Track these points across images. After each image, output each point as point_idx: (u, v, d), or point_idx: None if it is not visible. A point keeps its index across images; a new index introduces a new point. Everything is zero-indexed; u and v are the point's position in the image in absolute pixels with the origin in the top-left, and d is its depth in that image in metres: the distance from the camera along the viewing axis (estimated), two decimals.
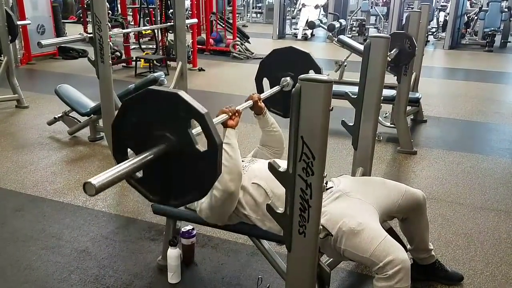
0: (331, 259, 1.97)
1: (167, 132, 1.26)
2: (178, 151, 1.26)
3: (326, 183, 1.85)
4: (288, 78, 2.33)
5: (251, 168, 1.93)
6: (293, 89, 1.30)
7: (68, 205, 2.89)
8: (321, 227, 1.56)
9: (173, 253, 2.10)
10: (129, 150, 1.34)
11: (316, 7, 11.27)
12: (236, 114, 1.81)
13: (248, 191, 1.84)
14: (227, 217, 1.86)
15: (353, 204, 1.80)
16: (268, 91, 2.26)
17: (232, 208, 1.82)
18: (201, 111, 1.21)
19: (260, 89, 2.39)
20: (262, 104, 2.11)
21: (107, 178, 1.09)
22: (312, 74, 1.30)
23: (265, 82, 2.40)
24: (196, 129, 1.29)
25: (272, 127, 2.15)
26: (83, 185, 1.05)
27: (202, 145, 1.24)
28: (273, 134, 2.16)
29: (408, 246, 2.12)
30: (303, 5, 11.51)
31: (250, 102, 2.04)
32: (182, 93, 1.22)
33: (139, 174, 1.33)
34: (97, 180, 1.07)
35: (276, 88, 2.30)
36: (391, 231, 1.98)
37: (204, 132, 1.22)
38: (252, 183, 1.85)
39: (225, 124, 1.77)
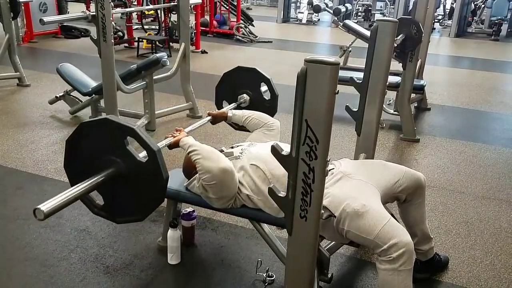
0: (331, 244, 1.97)
1: (112, 155, 1.37)
2: (125, 169, 1.37)
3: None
4: (244, 95, 2.57)
5: (249, 151, 1.96)
6: (299, 71, 1.28)
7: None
8: (323, 207, 1.56)
9: (174, 235, 2.10)
10: None
11: None
12: (177, 131, 2.00)
13: (248, 172, 1.87)
14: (233, 198, 1.87)
15: (355, 185, 1.79)
16: (225, 108, 2.48)
17: (235, 185, 1.84)
18: (130, 126, 1.32)
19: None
20: (222, 111, 2.34)
21: (57, 203, 1.15)
22: (319, 56, 1.27)
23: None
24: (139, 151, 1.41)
25: (246, 117, 2.28)
26: (33, 211, 1.06)
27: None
28: (252, 119, 2.28)
29: None
30: None
31: (209, 117, 2.29)
32: (110, 116, 1.36)
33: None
34: (46, 206, 1.11)
35: (232, 105, 2.51)
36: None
37: (140, 144, 1.31)
38: (251, 164, 1.87)
39: (176, 144, 1.93)
